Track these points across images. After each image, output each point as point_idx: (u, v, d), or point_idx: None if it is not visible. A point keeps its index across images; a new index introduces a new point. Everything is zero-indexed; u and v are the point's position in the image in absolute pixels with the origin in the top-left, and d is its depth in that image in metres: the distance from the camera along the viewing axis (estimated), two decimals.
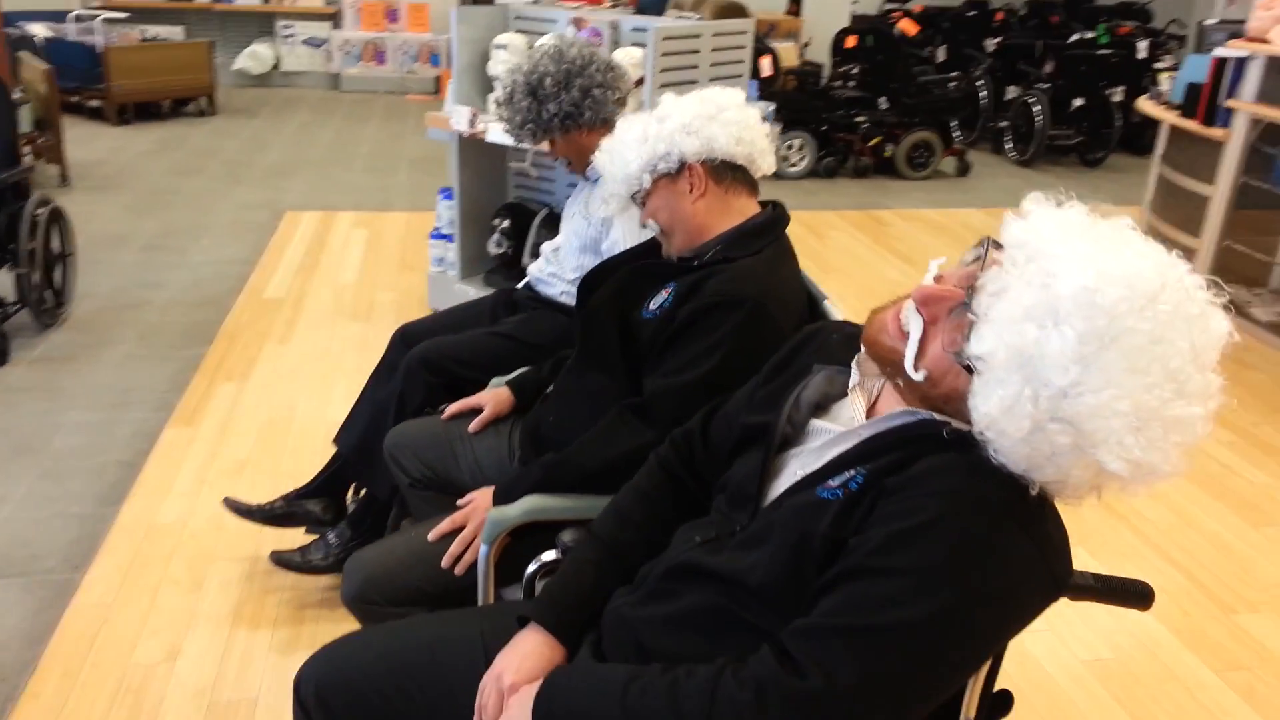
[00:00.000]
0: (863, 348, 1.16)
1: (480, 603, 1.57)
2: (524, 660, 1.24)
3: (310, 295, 4.42)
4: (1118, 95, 7.69)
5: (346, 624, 2.28)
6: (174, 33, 8.91)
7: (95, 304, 4.17)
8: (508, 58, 3.75)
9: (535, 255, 3.82)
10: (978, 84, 8.12)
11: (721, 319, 1.52)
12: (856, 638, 0.94)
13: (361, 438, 2.41)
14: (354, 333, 4.02)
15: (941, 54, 8.58)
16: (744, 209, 1.69)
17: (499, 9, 3.97)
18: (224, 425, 3.23)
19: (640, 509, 1.36)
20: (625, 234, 2.21)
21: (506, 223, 3.96)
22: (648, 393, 1.57)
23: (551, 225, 3.85)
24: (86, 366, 3.59)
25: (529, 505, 1.54)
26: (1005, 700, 1.13)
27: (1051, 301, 0.93)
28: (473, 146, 4.01)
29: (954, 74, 7.82)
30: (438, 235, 4.22)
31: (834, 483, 1.06)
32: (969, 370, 0.99)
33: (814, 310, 1.67)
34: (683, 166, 1.65)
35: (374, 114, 8.83)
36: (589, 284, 1.80)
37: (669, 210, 1.67)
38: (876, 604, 0.94)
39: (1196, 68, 4.76)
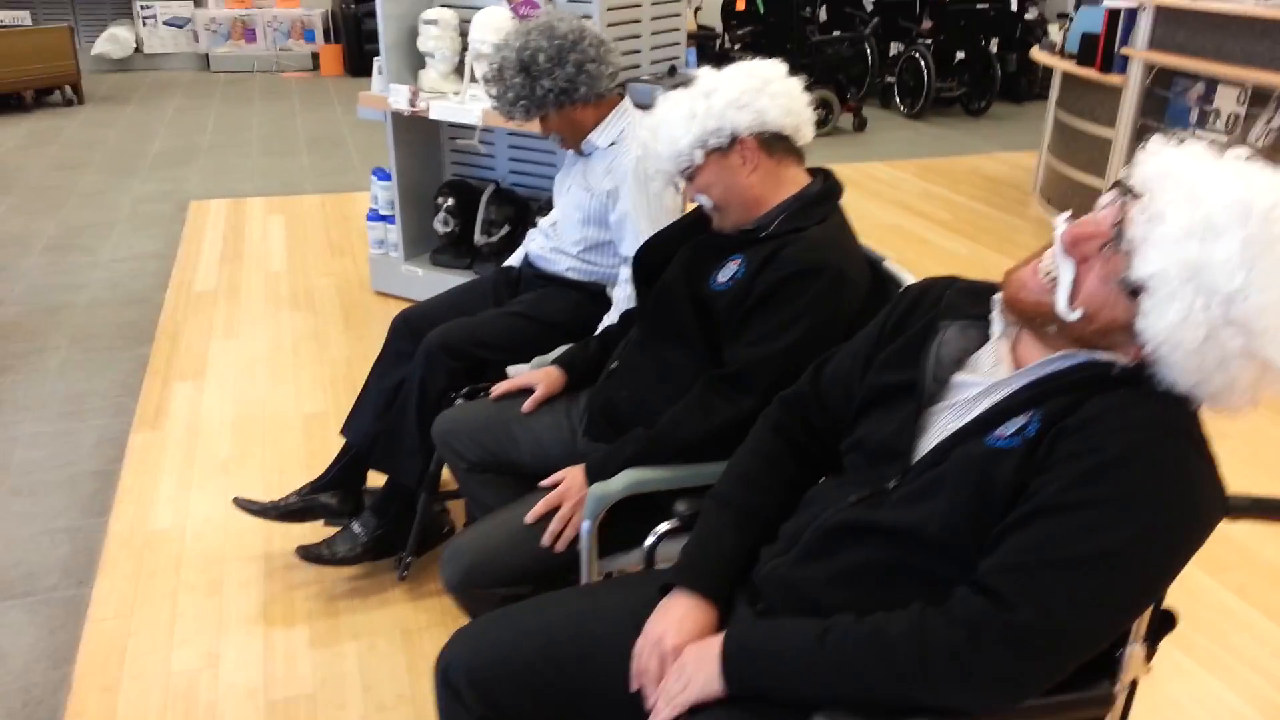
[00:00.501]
0: (1000, 305, 1.22)
1: (584, 576, 1.60)
2: (682, 622, 1.27)
3: (243, 286, 4.28)
4: (993, 47, 8.06)
5: (383, 611, 2.31)
6: (20, 17, 8.36)
7: (14, 310, 3.95)
8: (439, 33, 3.70)
9: (486, 232, 3.82)
10: (865, 42, 8.36)
11: (805, 286, 1.57)
12: (1065, 569, 1.01)
13: (374, 426, 2.39)
14: (302, 323, 3.91)
15: (822, 14, 8.77)
16: (796, 179, 1.73)
17: None
18: (192, 426, 3.12)
19: (766, 473, 1.40)
20: (634, 205, 2.24)
21: (451, 201, 3.91)
22: (738, 362, 1.60)
23: (500, 201, 3.84)
24: (26, 377, 3.41)
25: (632, 478, 1.57)
26: (1170, 619, 1.23)
27: (1208, 216, 1.01)
28: (408, 125, 3.94)
29: (844, 34, 8.02)
30: (375, 217, 4.13)
31: (1006, 431, 1.12)
32: (1134, 294, 1.05)
33: (875, 272, 1.73)
34: (734, 141, 1.67)
35: (253, 94, 8.50)
36: (645, 259, 1.84)
37: (723, 185, 1.69)
38: (1078, 536, 1.01)
39: (1090, 19, 5.04)
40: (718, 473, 1.56)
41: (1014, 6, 8.17)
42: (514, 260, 2.63)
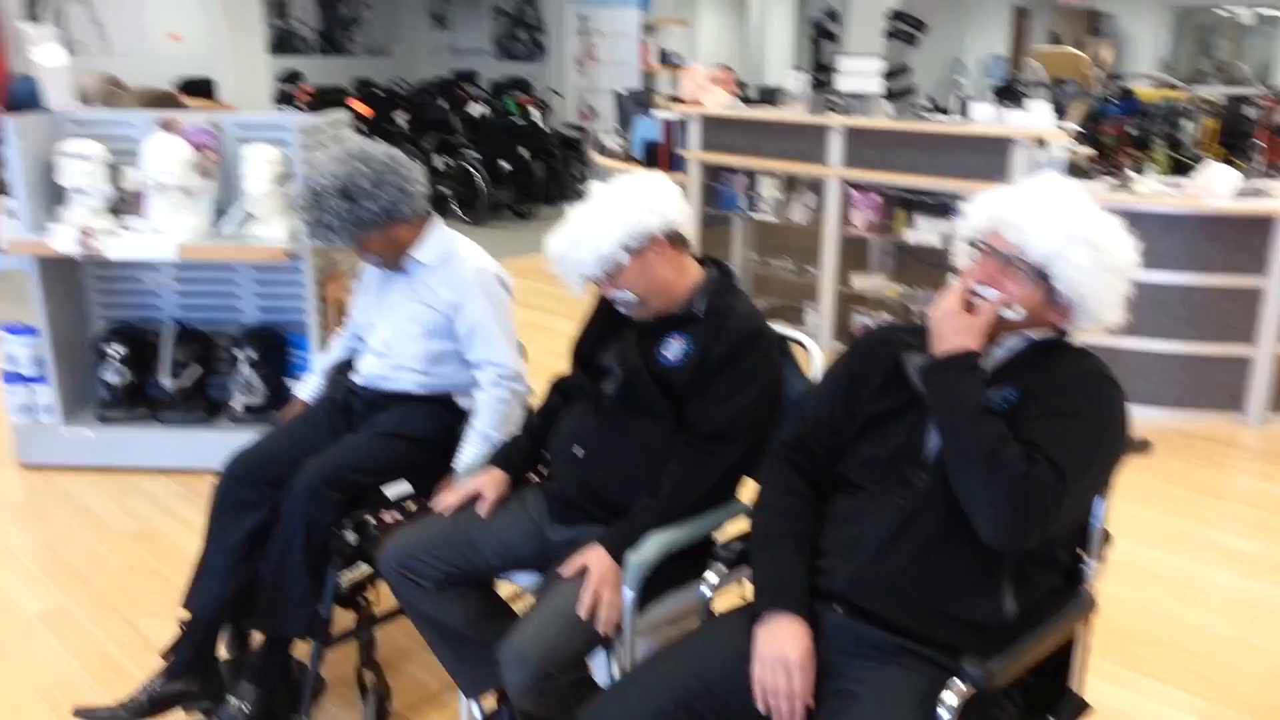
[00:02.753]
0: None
1: (627, 635, 1.76)
2: (794, 639, 1.52)
3: None
4: (526, 155, 8.93)
5: None
6: None
7: None
8: (91, 168, 3.42)
9: (174, 374, 3.57)
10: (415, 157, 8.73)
11: (753, 348, 1.90)
12: (1075, 455, 1.47)
13: (227, 589, 2.22)
14: None
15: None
16: (693, 266, 2.03)
17: (49, 118, 3.55)
18: None
19: (801, 505, 1.68)
20: (484, 314, 2.36)
21: (123, 349, 3.55)
22: (714, 421, 1.86)
23: (186, 340, 3.61)
24: None
25: (661, 541, 1.78)
26: (1108, 537, 1.70)
27: (1045, 205, 1.57)
28: (54, 273, 3.53)
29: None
30: (17, 379, 3.61)
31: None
32: (1043, 277, 1.55)
33: None
34: (650, 241, 1.93)
35: None
36: (584, 353, 2.03)
37: (645, 281, 1.94)
38: (1081, 436, 1.49)
39: (647, 128, 5.92)
40: (725, 517, 1.90)
41: (535, 119, 9.11)
42: (310, 391, 2.57)
